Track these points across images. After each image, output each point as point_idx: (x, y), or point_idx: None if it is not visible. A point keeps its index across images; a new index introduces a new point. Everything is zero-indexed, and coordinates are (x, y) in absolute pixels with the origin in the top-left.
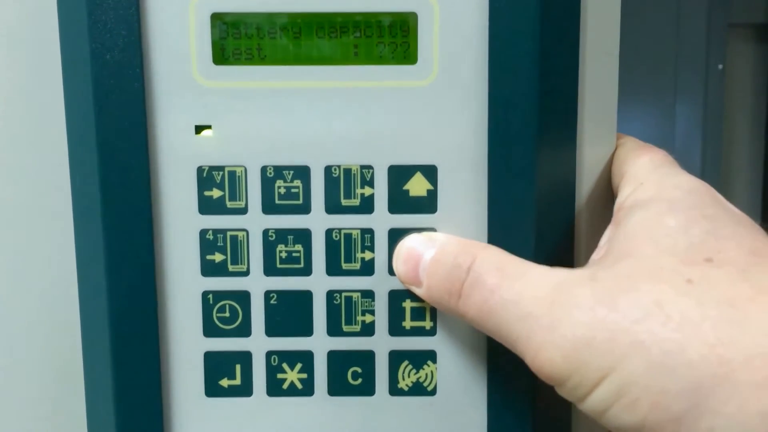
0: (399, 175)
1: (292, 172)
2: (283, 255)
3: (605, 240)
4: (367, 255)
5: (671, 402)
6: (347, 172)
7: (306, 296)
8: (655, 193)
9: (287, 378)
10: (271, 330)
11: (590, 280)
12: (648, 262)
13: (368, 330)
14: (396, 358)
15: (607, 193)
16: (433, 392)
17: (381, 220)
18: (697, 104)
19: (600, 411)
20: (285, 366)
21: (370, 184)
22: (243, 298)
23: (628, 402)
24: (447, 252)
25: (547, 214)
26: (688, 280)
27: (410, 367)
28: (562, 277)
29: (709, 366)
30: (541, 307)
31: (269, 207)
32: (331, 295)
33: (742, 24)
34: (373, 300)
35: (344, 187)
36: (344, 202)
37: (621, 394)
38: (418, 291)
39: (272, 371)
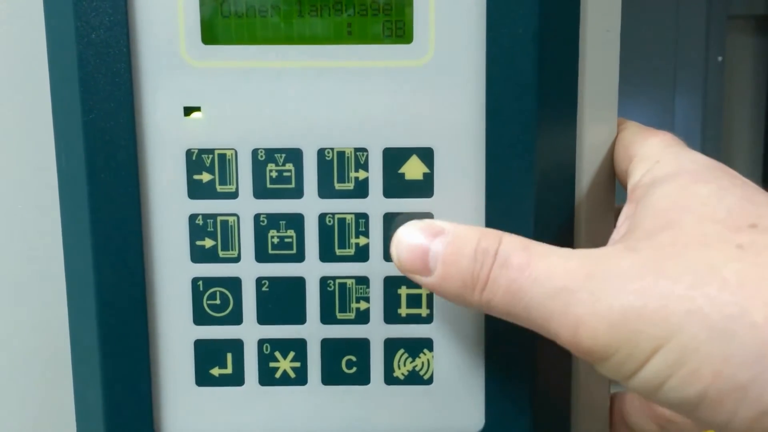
0: (394, 158)
1: (283, 155)
2: (275, 240)
3: (624, 218)
4: (362, 240)
5: (736, 369)
6: (341, 155)
7: (299, 283)
8: (675, 167)
9: (280, 367)
10: (263, 318)
11: (629, 251)
12: (690, 230)
13: (363, 317)
14: (391, 346)
15: (608, 176)
16: (429, 381)
17: (376, 205)
18: (696, 97)
19: (655, 385)
20: (277, 354)
21: (365, 167)
22: (234, 284)
23: (687, 372)
24: (466, 238)
25: (546, 198)
26: (738, 245)
27: (406, 355)
28: (595, 252)
29: None
30: (577, 280)
31: (260, 191)
32: (324, 281)
33: (742, 16)
34: (368, 287)
35: (338, 171)
36: (338, 185)
37: (679, 365)
38: (425, 280)
39: (264, 360)
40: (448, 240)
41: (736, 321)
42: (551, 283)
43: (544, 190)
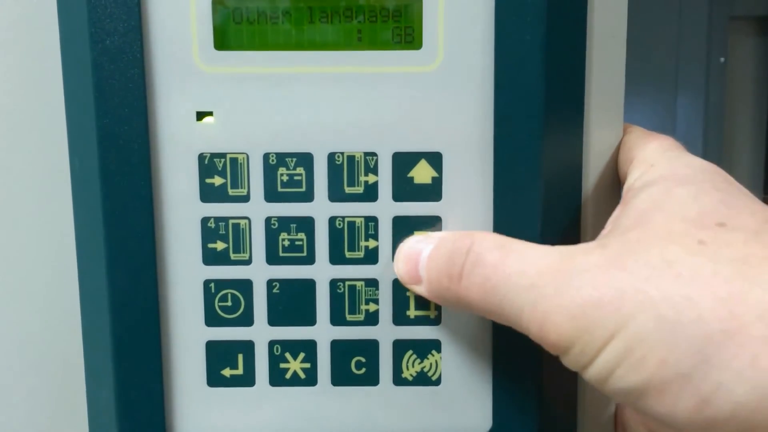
0: (403, 162)
1: (294, 159)
2: (286, 243)
3: (610, 220)
4: (371, 243)
5: (679, 357)
6: (351, 159)
7: (309, 285)
8: (666, 171)
9: (290, 367)
10: (274, 319)
11: (598, 248)
12: (658, 227)
13: (372, 319)
14: (400, 347)
15: (613, 181)
16: (437, 382)
17: (385, 208)
18: (698, 97)
19: (604, 376)
20: (288, 355)
21: (374, 171)
22: (245, 286)
23: (633, 361)
24: (444, 241)
25: (553, 202)
26: (700, 241)
27: (414, 356)
28: (566, 249)
29: (719, 321)
30: (546, 277)
31: (272, 195)
32: (334, 283)
33: (744, 17)
34: (377, 289)
35: (348, 175)
36: (348, 189)
37: (627, 354)
38: (418, 289)
39: (275, 361)
40: (431, 247)
41: (684, 313)
42: (522, 280)
43: (551, 194)
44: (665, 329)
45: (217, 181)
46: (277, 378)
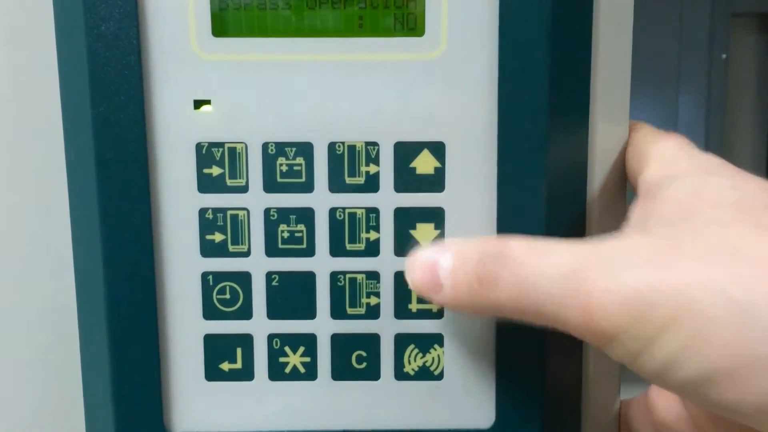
0: (405, 152)
1: (294, 149)
2: (285, 235)
3: (635, 213)
4: (372, 235)
5: (753, 342)
6: (352, 149)
7: (309, 278)
8: (689, 166)
9: (289, 362)
10: (273, 312)
11: (642, 234)
12: (706, 215)
13: (373, 312)
14: (402, 341)
15: (620, 177)
16: (440, 376)
17: (386, 199)
18: (700, 94)
19: (665, 363)
20: (287, 349)
21: (376, 161)
22: (244, 279)
23: (701, 345)
24: (471, 245)
25: (558, 192)
26: (756, 224)
27: (416, 350)
28: (601, 239)
29: None
30: (586, 261)
31: (271, 185)
32: (334, 276)
33: (746, 13)
34: (379, 282)
35: (348, 165)
36: (348, 180)
37: (691, 339)
38: (437, 297)
39: (274, 355)
40: (454, 252)
41: (755, 293)
42: (560, 268)
43: (556, 185)
44: (736, 310)
45: (215, 171)
46: (277, 372)
